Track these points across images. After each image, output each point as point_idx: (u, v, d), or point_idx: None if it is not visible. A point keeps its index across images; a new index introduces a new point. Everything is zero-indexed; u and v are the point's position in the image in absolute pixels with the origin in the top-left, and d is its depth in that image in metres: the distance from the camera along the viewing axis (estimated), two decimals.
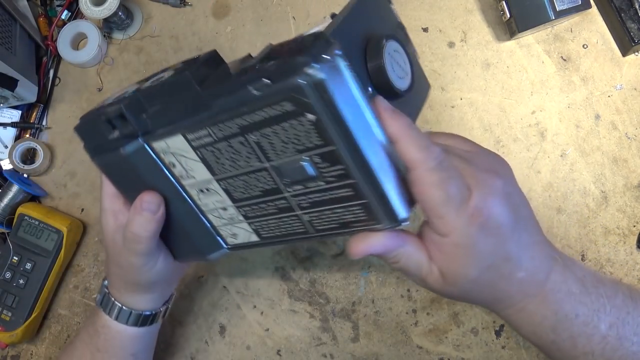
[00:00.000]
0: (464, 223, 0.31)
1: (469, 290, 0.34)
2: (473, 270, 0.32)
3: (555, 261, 0.35)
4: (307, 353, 0.56)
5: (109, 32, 0.66)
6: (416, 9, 0.60)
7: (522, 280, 0.34)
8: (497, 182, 0.32)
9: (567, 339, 0.35)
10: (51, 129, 0.66)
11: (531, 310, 0.35)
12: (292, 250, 0.58)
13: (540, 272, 0.34)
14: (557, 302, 0.35)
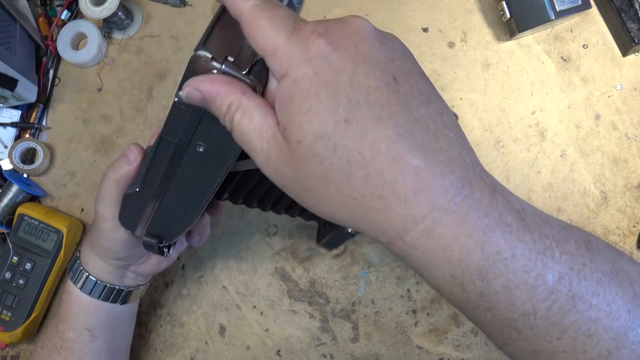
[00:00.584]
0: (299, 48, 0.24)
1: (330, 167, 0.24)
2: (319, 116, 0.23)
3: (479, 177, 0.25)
4: (307, 353, 0.56)
5: (108, 32, 0.66)
6: (416, 9, 0.60)
7: (419, 171, 0.23)
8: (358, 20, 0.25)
9: (500, 291, 0.25)
10: (51, 129, 0.66)
11: (445, 235, 0.24)
12: (292, 251, 0.58)
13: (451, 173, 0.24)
14: (483, 230, 0.24)
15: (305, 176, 0.25)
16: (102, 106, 0.65)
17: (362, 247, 0.56)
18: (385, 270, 0.56)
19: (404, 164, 0.23)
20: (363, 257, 0.56)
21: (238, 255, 0.59)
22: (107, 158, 0.64)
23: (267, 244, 0.58)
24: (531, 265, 0.24)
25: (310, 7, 0.62)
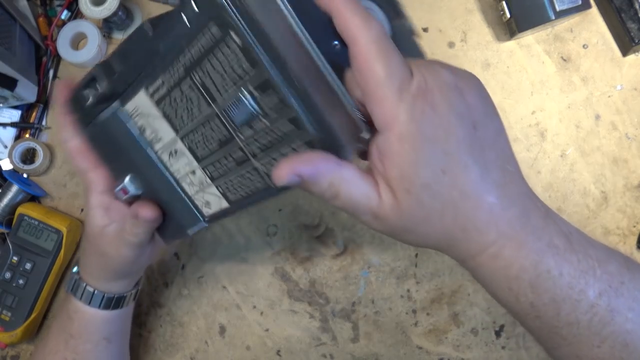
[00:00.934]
0: (407, 106, 0.26)
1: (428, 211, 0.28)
2: (425, 171, 0.27)
3: (533, 205, 0.29)
4: (307, 353, 0.56)
5: (108, 32, 0.66)
6: (416, 9, 0.60)
7: (492, 208, 0.28)
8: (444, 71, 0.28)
9: (548, 303, 0.29)
10: (51, 129, 0.66)
11: (507, 257, 0.29)
12: (292, 251, 0.58)
13: (513, 205, 0.29)
14: (537, 252, 0.29)
15: (408, 220, 0.29)
16: None
17: (362, 247, 0.56)
18: (385, 270, 0.56)
19: (483, 201, 0.28)
20: (363, 257, 0.56)
21: (238, 255, 0.59)
22: None
23: (267, 244, 0.58)
24: (575, 283, 0.29)
25: None
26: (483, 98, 0.29)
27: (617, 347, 0.30)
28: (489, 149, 0.28)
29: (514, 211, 0.29)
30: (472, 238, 0.29)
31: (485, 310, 0.54)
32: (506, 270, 0.29)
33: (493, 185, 0.28)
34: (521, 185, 0.30)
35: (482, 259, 0.30)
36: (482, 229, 0.29)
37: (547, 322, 0.30)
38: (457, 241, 0.30)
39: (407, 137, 0.27)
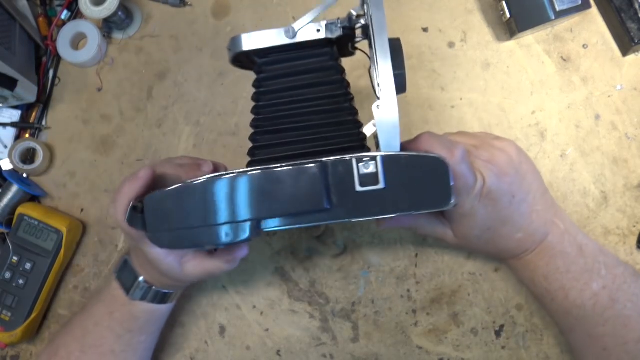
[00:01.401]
0: (465, 196, 0.40)
1: (476, 244, 0.45)
2: (476, 230, 0.43)
3: (555, 226, 0.44)
4: (307, 353, 0.56)
5: (108, 32, 0.66)
6: (416, 9, 0.60)
7: (520, 239, 0.44)
8: (493, 165, 0.41)
9: (558, 290, 0.43)
10: (51, 129, 0.66)
11: (528, 260, 0.45)
12: (292, 251, 0.58)
13: (537, 234, 0.44)
14: (550, 257, 0.44)
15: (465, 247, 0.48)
16: (102, 106, 0.65)
17: (362, 247, 0.56)
18: (385, 270, 0.56)
19: (513, 239, 0.44)
20: (363, 257, 0.56)
21: None
22: (107, 158, 0.64)
23: (267, 244, 0.58)
24: (580, 277, 0.43)
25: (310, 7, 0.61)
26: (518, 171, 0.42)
27: (618, 327, 0.41)
28: (522, 203, 0.43)
29: (537, 237, 0.44)
30: (506, 254, 0.47)
31: (485, 310, 0.54)
32: (526, 267, 0.46)
33: (522, 228, 0.43)
34: (546, 215, 0.44)
35: (511, 262, 0.47)
36: (512, 251, 0.46)
37: (560, 304, 0.44)
38: (496, 254, 0.48)
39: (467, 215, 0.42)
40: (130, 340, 0.50)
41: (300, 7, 0.62)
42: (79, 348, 0.50)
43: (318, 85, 0.42)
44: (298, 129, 0.41)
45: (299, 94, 0.42)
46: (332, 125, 0.41)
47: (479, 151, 0.42)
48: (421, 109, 0.58)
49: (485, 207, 0.41)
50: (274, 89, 0.42)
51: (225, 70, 0.63)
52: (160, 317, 0.52)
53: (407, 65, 0.59)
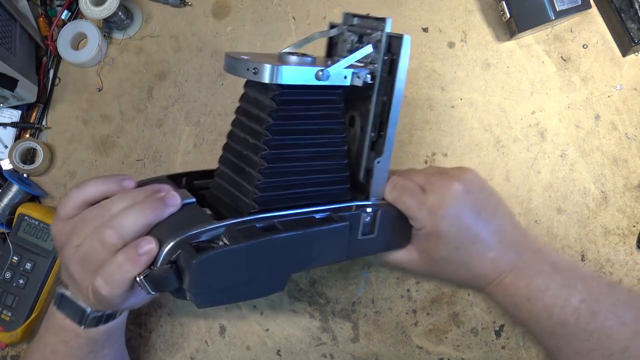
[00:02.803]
0: (427, 217, 0.42)
1: (446, 269, 0.45)
2: (443, 250, 0.43)
3: (526, 246, 0.44)
4: (307, 353, 0.56)
5: (109, 32, 0.66)
6: (416, 9, 0.60)
7: (493, 259, 0.43)
8: (454, 184, 0.42)
9: (542, 309, 0.43)
10: (51, 129, 0.66)
11: (507, 283, 0.44)
12: None
13: (509, 252, 0.44)
14: (528, 276, 0.43)
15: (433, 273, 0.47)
16: (102, 106, 0.65)
17: None
18: (385, 270, 0.56)
19: (486, 258, 0.44)
20: (363, 258, 0.56)
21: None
22: (107, 158, 0.64)
23: None
24: (559, 294, 0.42)
25: (310, 7, 0.62)
26: (481, 190, 0.44)
27: (602, 339, 0.41)
28: (490, 221, 0.43)
29: (509, 255, 0.44)
30: (481, 279, 0.45)
31: (485, 310, 0.54)
32: (506, 292, 0.44)
33: (493, 246, 0.43)
34: (515, 235, 0.44)
35: (490, 288, 0.45)
36: (487, 274, 0.44)
37: (544, 324, 0.43)
38: (472, 282, 0.45)
39: (430, 234, 0.43)
40: (94, 357, 0.47)
41: (300, 7, 0.62)
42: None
43: (324, 126, 0.41)
44: (303, 173, 0.41)
45: (308, 137, 0.41)
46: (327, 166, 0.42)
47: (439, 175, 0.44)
48: (421, 109, 0.58)
49: (449, 226, 0.42)
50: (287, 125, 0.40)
51: None
52: (120, 327, 0.49)
53: None
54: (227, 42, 0.64)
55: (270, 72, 0.37)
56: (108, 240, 0.37)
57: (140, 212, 0.38)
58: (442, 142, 0.57)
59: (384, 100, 0.41)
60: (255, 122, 0.40)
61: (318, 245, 0.40)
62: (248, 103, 0.42)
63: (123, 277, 0.36)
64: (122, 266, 0.36)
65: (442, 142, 0.57)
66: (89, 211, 0.40)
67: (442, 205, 0.42)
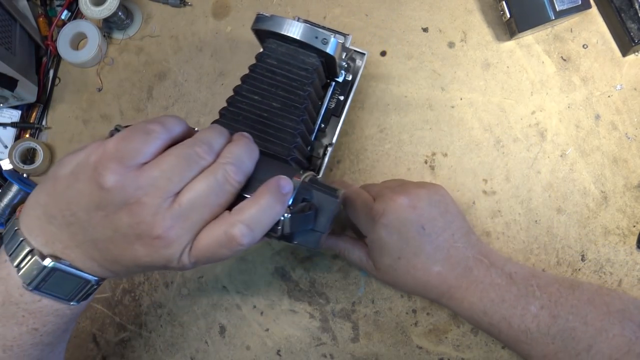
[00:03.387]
0: (371, 225, 0.44)
1: (395, 276, 0.46)
2: (387, 259, 0.45)
3: (479, 262, 0.45)
4: (307, 353, 0.56)
5: (108, 32, 0.66)
6: (416, 9, 0.60)
7: (439, 273, 0.45)
8: (401, 197, 0.44)
9: (500, 320, 0.44)
10: (51, 129, 0.66)
11: (459, 298, 0.45)
12: (292, 250, 0.58)
13: (457, 268, 0.45)
14: (481, 290, 0.44)
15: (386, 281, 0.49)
16: (102, 106, 0.65)
17: None
18: None
19: (431, 271, 0.45)
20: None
21: (238, 255, 0.59)
22: None
23: (267, 244, 0.58)
24: (516, 303, 0.43)
25: (310, 7, 0.62)
26: (432, 205, 0.45)
27: (567, 340, 0.41)
28: (437, 237, 0.44)
29: (458, 271, 0.45)
30: (431, 292, 0.46)
31: None
32: (461, 305, 0.45)
33: (439, 261, 0.45)
34: (466, 251, 0.45)
35: (444, 301, 0.47)
36: (436, 287, 0.45)
37: (507, 334, 0.44)
38: (423, 293, 0.47)
39: (374, 241, 0.45)
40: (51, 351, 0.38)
41: (300, 6, 0.62)
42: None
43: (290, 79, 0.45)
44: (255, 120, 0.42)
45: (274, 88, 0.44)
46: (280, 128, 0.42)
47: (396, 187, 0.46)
48: (421, 109, 0.58)
49: (389, 235, 0.44)
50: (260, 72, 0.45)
51: (225, 70, 0.63)
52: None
53: (407, 65, 0.59)
54: (227, 42, 0.64)
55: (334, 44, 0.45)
56: (234, 178, 0.32)
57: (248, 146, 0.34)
58: (442, 142, 0.57)
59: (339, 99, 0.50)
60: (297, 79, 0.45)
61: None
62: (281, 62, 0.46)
63: (272, 219, 0.33)
64: (273, 207, 0.32)
65: (442, 142, 0.57)
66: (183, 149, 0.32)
67: (383, 215, 0.44)
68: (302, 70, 0.45)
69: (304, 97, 0.44)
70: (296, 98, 0.44)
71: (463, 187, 0.56)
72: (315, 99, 0.48)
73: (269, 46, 0.46)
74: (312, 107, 0.47)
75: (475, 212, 0.55)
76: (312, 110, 0.48)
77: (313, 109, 0.48)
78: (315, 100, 0.48)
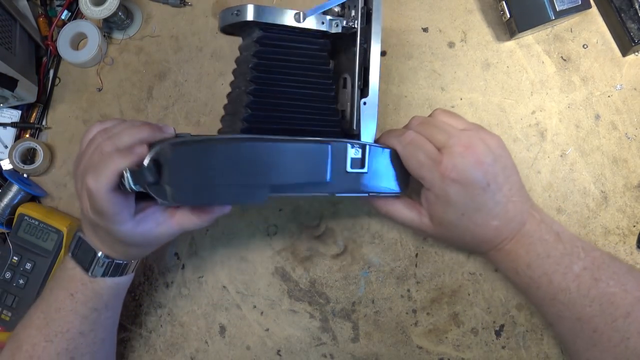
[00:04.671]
0: (438, 179, 0.43)
1: (454, 233, 0.46)
2: (450, 215, 0.45)
3: (531, 216, 0.46)
4: (307, 353, 0.56)
5: (109, 32, 0.66)
6: (416, 9, 0.60)
7: (497, 227, 0.45)
8: (469, 153, 0.43)
9: (542, 276, 0.44)
10: (51, 129, 0.66)
11: (508, 250, 0.46)
12: (292, 250, 0.58)
13: (513, 222, 0.45)
14: (529, 244, 0.45)
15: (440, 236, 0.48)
16: (102, 106, 0.65)
17: (362, 247, 0.56)
18: (385, 270, 0.56)
19: (490, 226, 0.45)
20: (363, 257, 0.56)
21: (238, 255, 0.59)
22: None
23: (267, 244, 0.58)
24: (560, 261, 0.44)
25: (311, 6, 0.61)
26: (496, 161, 0.44)
27: (605, 305, 0.42)
28: (498, 192, 0.44)
29: (513, 225, 0.45)
30: (484, 245, 0.47)
31: (485, 310, 0.54)
32: (506, 258, 0.46)
33: (497, 215, 0.44)
34: (522, 206, 0.45)
35: (492, 253, 0.47)
36: (490, 240, 0.46)
37: (545, 290, 0.44)
38: (476, 248, 0.48)
39: (439, 197, 0.44)
40: (97, 318, 0.49)
41: (300, 6, 0.62)
42: (43, 338, 0.47)
43: (309, 70, 0.47)
44: (292, 106, 0.46)
45: (293, 73, 0.46)
46: (317, 109, 0.47)
47: (462, 134, 0.44)
48: (421, 109, 0.58)
49: (457, 192, 0.43)
50: (272, 64, 0.46)
51: (225, 70, 0.63)
52: (123, 289, 0.51)
53: (407, 65, 0.59)
54: (227, 42, 0.64)
55: (253, 10, 0.44)
56: (105, 149, 0.40)
57: (137, 130, 0.41)
58: None
59: (365, 47, 0.46)
60: (244, 65, 0.46)
61: (298, 161, 0.41)
62: (240, 54, 0.47)
63: (110, 168, 0.38)
64: (111, 157, 0.38)
65: None
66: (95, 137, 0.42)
67: (454, 171, 0.43)
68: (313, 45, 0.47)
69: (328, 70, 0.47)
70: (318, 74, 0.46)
71: None
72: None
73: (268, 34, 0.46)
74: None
75: None
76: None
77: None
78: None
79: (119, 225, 0.42)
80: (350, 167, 0.44)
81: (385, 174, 0.46)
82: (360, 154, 0.44)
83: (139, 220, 0.43)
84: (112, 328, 0.52)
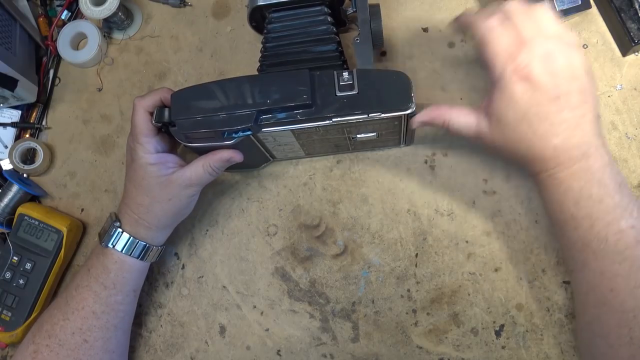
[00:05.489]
0: (508, 72, 0.41)
1: (512, 137, 0.43)
2: (512, 112, 0.42)
3: (599, 154, 0.42)
4: (307, 353, 0.56)
5: (109, 32, 0.66)
6: (416, 9, 0.60)
7: (556, 147, 0.42)
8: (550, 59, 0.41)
9: (585, 217, 0.41)
10: (51, 129, 0.66)
11: (560, 178, 0.42)
12: (292, 250, 0.58)
13: (575, 150, 0.41)
14: (586, 181, 0.41)
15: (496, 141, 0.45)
16: (102, 106, 0.65)
17: (362, 247, 0.57)
18: (385, 270, 0.56)
19: (549, 143, 0.42)
20: (363, 257, 0.56)
21: (238, 255, 0.59)
22: (107, 158, 0.64)
23: (267, 244, 0.58)
24: (611, 210, 0.41)
25: None
26: (575, 78, 0.41)
27: (634, 269, 0.40)
28: (566, 109, 0.41)
29: (575, 152, 0.41)
30: (538, 164, 0.43)
31: (485, 310, 0.54)
32: (558, 187, 0.43)
33: (560, 134, 0.41)
34: (591, 138, 0.42)
35: (542, 177, 0.44)
36: (546, 160, 0.43)
37: (582, 234, 0.42)
38: (528, 163, 0.44)
39: (504, 91, 0.42)
40: (107, 298, 0.51)
41: None
42: (62, 316, 0.51)
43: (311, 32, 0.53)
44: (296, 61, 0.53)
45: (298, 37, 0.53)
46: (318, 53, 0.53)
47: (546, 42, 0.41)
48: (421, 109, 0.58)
49: (523, 90, 0.41)
50: (280, 35, 0.53)
51: (225, 70, 0.63)
52: (131, 272, 0.53)
53: (407, 65, 0.59)
54: (227, 42, 0.64)
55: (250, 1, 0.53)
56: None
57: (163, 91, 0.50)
58: (442, 142, 0.57)
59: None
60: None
61: (281, 88, 0.45)
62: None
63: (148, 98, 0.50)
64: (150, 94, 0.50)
65: (442, 142, 0.57)
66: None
67: (526, 69, 0.41)
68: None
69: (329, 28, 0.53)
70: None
71: (463, 187, 0.56)
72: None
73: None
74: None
75: (475, 212, 0.55)
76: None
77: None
78: None
79: (142, 152, 0.49)
80: (339, 91, 0.46)
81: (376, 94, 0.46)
82: (350, 79, 0.46)
83: (157, 158, 0.49)
84: (125, 318, 0.54)
